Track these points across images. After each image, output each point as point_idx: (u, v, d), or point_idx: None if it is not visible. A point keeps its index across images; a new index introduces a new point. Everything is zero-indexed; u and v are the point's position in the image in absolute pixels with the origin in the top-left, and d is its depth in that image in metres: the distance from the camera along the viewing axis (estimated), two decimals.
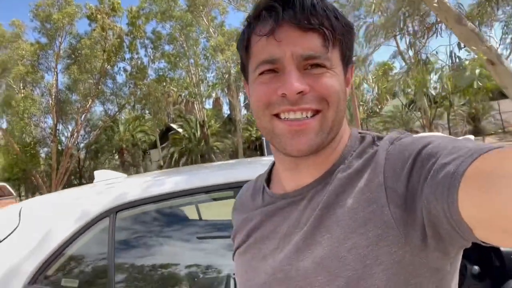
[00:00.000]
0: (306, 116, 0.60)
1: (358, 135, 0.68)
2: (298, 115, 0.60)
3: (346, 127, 0.68)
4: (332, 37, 0.59)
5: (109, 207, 1.53)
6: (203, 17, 22.10)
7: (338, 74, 0.62)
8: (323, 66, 0.59)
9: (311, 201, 0.64)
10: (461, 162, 0.47)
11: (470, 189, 0.44)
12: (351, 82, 0.70)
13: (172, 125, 29.53)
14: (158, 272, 1.67)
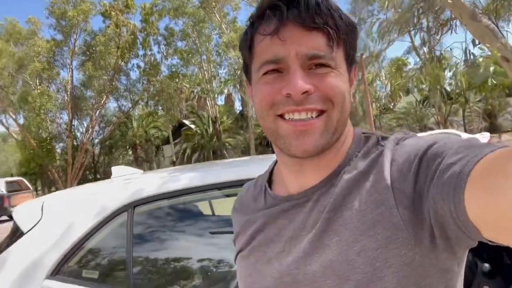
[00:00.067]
0: (311, 117, 0.59)
1: (362, 135, 0.67)
2: (303, 115, 0.59)
3: (350, 127, 0.67)
4: (337, 36, 0.58)
5: (127, 202, 1.59)
6: (215, 13, 22.13)
7: (343, 74, 0.61)
8: (328, 65, 0.58)
9: (317, 203, 0.63)
10: (466, 162, 0.46)
11: (475, 190, 0.44)
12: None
13: (184, 121, 29.71)
14: (173, 265, 1.73)
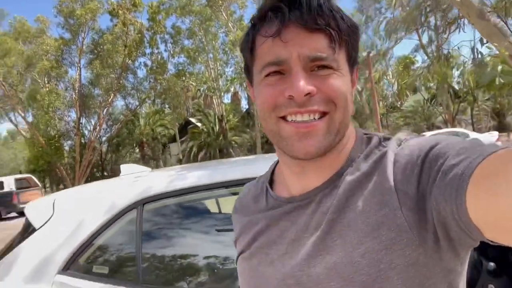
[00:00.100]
0: (314, 118, 0.58)
1: (364, 136, 0.67)
2: (305, 117, 0.58)
3: (352, 128, 0.67)
4: (339, 38, 0.58)
5: (136, 200, 1.62)
6: (222, 11, 22.17)
7: (345, 75, 0.60)
8: (330, 67, 0.58)
9: (319, 205, 0.62)
10: (468, 163, 0.47)
11: (477, 191, 0.44)
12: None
13: (191, 119, 29.84)
14: (180, 261, 1.76)
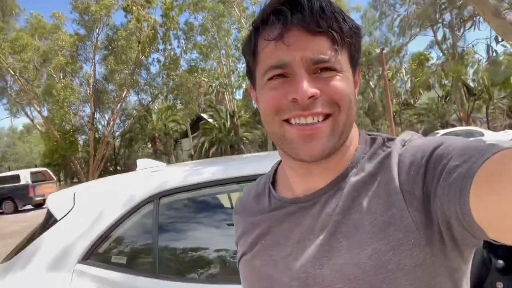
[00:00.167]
0: (317, 121, 0.59)
1: (368, 137, 0.68)
2: (309, 119, 0.58)
3: (356, 129, 0.67)
4: (341, 39, 0.58)
5: (153, 193, 1.69)
6: (234, 7, 22.19)
7: (348, 77, 0.61)
8: (333, 69, 0.58)
9: (324, 206, 0.62)
10: (472, 163, 0.47)
11: (480, 191, 0.44)
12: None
13: (203, 115, 29.97)
14: (193, 253, 1.82)
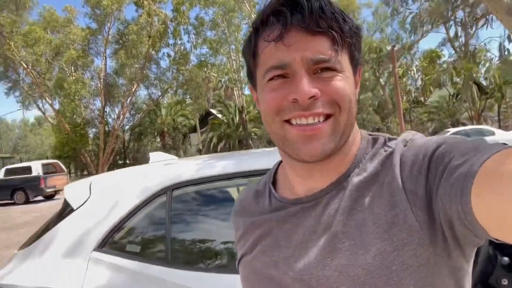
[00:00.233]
0: (318, 121, 0.58)
1: (369, 137, 0.68)
2: (310, 120, 0.58)
3: (357, 129, 0.67)
4: (341, 39, 0.58)
5: (166, 185, 1.74)
6: (245, 2, 22.14)
7: (348, 77, 0.61)
8: (334, 69, 0.58)
9: (326, 207, 0.62)
10: (473, 163, 0.47)
11: (481, 191, 0.45)
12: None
13: (211, 110, 30.07)
14: (204, 243, 1.88)
